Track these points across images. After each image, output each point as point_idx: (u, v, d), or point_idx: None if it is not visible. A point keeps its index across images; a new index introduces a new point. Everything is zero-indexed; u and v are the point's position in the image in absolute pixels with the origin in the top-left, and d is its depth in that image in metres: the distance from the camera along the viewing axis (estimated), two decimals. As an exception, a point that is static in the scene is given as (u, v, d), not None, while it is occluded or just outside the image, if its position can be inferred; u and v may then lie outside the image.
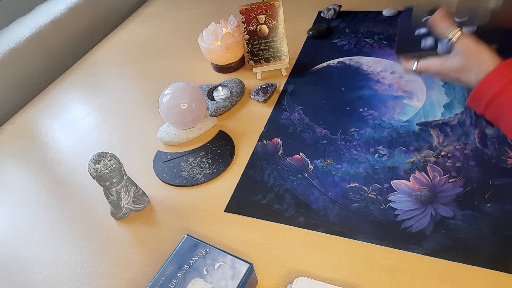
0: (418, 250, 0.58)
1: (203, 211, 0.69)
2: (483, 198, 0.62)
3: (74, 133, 0.90)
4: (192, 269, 0.54)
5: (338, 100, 0.84)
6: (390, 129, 0.75)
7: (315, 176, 0.70)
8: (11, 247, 0.70)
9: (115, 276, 0.62)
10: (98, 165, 0.62)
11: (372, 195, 0.65)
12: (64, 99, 1.01)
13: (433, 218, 0.61)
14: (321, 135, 0.77)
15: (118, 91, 1.00)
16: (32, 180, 0.81)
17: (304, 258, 0.59)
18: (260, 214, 0.66)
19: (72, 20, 1.17)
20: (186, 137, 0.81)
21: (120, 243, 0.67)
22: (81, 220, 0.71)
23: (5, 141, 0.92)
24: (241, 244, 0.63)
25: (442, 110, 0.77)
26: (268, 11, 0.90)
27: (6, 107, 1.02)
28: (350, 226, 0.62)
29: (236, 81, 0.91)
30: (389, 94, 0.82)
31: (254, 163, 0.75)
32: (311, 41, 1.02)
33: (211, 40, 0.94)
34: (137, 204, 0.69)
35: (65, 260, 0.66)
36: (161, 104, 0.79)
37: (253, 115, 0.85)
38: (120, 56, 1.13)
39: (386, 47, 0.94)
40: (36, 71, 1.08)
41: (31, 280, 0.64)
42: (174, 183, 0.74)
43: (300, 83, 0.90)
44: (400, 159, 0.70)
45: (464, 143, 0.70)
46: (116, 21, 1.32)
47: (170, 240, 0.65)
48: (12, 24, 1.08)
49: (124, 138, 0.86)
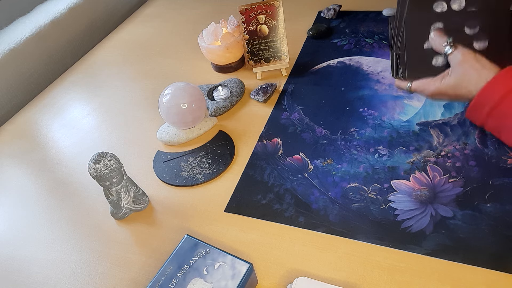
0: (418, 250, 0.58)
1: (203, 211, 0.69)
2: (483, 198, 0.62)
3: (74, 133, 0.90)
4: (192, 269, 0.54)
5: (338, 100, 0.84)
6: (390, 129, 0.75)
7: (315, 176, 0.70)
8: (11, 247, 0.70)
9: (115, 276, 0.62)
10: (98, 165, 0.62)
11: (372, 195, 0.65)
12: (64, 99, 1.01)
13: (433, 218, 0.61)
14: (321, 135, 0.77)
15: (118, 91, 1.00)
16: (32, 180, 0.81)
17: (304, 258, 0.59)
18: (260, 214, 0.66)
19: (72, 20, 1.17)
20: (186, 137, 0.81)
21: (120, 243, 0.67)
22: (81, 220, 0.72)
23: (5, 141, 0.92)
24: (241, 244, 0.63)
25: (442, 110, 0.77)
26: (268, 11, 0.90)
27: (6, 107, 1.02)
28: (350, 226, 0.62)
29: (236, 81, 0.91)
30: (389, 94, 0.82)
31: (254, 163, 0.75)
32: (311, 41, 1.02)
33: (211, 40, 0.94)
34: (137, 204, 0.69)
35: (65, 260, 0.66)
36: (161, 104, 0.79)
37: (253, 115, 0.85)
38: (120, 56, 1.13)
39: (386, 47, 0.94)
40: (36, 71, 1.08)
41: (31, 280, 0.64)
42: (174, 183, 0.74)
43: (300, 83, 0.90)
44: (400, 159, 0.70)
45: (464, 143, 0.70)
46: (116, 21, 1.32)
47: (170, 240, 0.65)
48: (12, 24, 1.08)
49: (124, 138, 0.86)
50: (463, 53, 0.57)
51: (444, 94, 0.60)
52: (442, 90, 0.59)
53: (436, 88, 0.60)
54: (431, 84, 0.61)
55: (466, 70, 0.56)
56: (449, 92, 0.59)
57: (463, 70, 0.57)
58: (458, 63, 0.57)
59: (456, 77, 0.57)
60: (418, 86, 0.63)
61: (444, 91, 0.59)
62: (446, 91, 0.59)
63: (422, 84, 0.62)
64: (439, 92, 0.60)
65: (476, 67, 0.56)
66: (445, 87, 0.59)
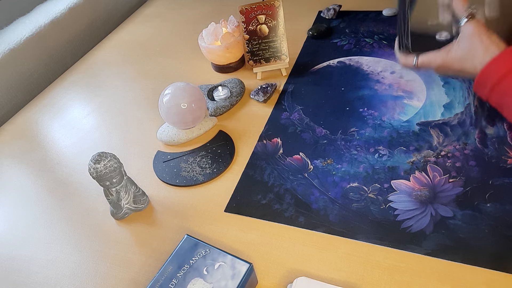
0: (418, 250, 0.58)
1: (203, 211, 0.69)
2: (483, 198, 0.62)
3: (74, 133, 0.90)
4: (192, 269, 0.54)
5: (338, 100, 0.84)
6: (390, 129, 0.75)
7: (315, 176, 0.70)
8: (11, 247, 0.70)
9: (115, 276, 0.62)
10: (98, 165, 0.62)
11: (372, 195, 0.65)
12: (64, 99, 1.01)
13: (433, 218, 0.61)
14: (321, 135, 0.77)
15: (118, 91, 1.00)
16: (32, 180, 0.81)
17: (304, 258, 0.59)
18: (260, 214, 0.66)
19: (72, 20, 1.17)
20: (186, 137, 0.81)
21: (120, 243, 0.67)
22: (81, 220, 0.71)
23: (5, 141, 0.92)
24: (241, 244, 0.63)
25: (442, 110, 0.77)
26: (268, 11, 0.90)
27: (6, 107, 1.02)
28: (350, 226, 0.62)
29: (236, 81, 0.91)
30: (389, 94, 0.82)
31: (254, 163, 0.75)
32: (311, 41, 1.02)
33: (211, 40, 0.94)
34: (137, 204, 0.69)
35: (65, 260, 0.66)
36: (161, 104, 0.79)
37: (253, 115, 0.85)
38: (120, 56, 1.13)
39: (386, 47, 0.94)
40: (36, 71, 1.08)
41: (31, 280, 0.64)
42: (174, 183, 0.74)
43: (300, 83, 0.90)
44: (400, 159, 0.70)
45: (464, 143, 0.70)
46: (116, 21, 1.32)
47: (170, 240, 0.65)
48: (12, 24, 1.08)
49: (124, 138, 0.86)
50: (477, 25, 0.56)
51: (450, 67, 0.59)
52: (449, 63, 0.59)
53: (443, 61, 0.59)
54: (438, 56, 0.60)
55: (474, 44, 0.56)
56: (455, 65, 0.58)
57: (471, 43, 0.56)
58: (468, 36, 0.56)
59: (463, 49, 0.57)
60: (423, 60, 0.62)
61: (451, 64, 0.59)
62: (452, 64, 0.58)
63: (428, 58, 0.61)
64: (446, 65, 0.59)
65: (485, 42, 0.55)
66: (451, 59, 0.58)
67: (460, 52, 0.57)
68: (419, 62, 0.63)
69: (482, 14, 0.59)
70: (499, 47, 0.54)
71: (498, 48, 0.54)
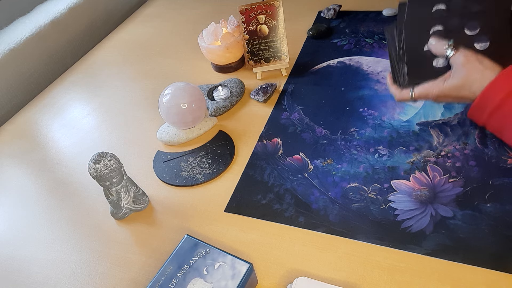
0: (418, 250, 0.58)
1: (203, 211, 0.69)
2: (483, 198, 0.62)
3: (74, 133, 0.90)
4: (192, 269, 0.54)
5: (338, 100, 0.84)
6: (390, 129, 0.75)
7: (315, 176, 0.70)
8: (11, 247, 0.70)
9: (115, 276, 0.62)
10: (98, 165, 0.62)
11: (372, 195, 0.65)
12: (64, 99, 1.01)
13: (433, 218, 0.61)
14: (321, 135, 0.77)
15: (118, 91, 1.00)
16: (32, 180, 0.81)
17: (304, 258, 0.59)
18: (260, 214, 0.66)
19: (72, 20, 1.17)
20: (186, 137, 0.81)
21: (120, 243, 0.67)
22: (81, 220, 0.72)
23: (5, 141, 0.92)
24: (241, 244, 0.63)
25: (442, 110, 0.77)
26: (268, 11, 0.90)
27: (6, 107, 1.02)
28: (350, 226, 0.62)
29: (236, 81, 0.91)
30: (389, 94, 0.82)
31: (254, 163, 0.75)
32: (311, 41, 1.02)
33: (211, 40, 0.94)
34: (137, 204, 0.69)
35: (65, 260, 0.66)
36: (161, 104, 0.79)
37: (253, 115, 0.85)
38: (120, 56, 1.13)
39: (386, 47, 0.94)
40: (36, 71, 1.08)
41: (31, 280, 0.64)
42: (174, 183, 0.74)
43: (300, 83, 0.90)
44: (400, 159, 0.70)
45: (464, 143, 0.70)
46: (116, 21, 1.32)
47: (170, 240, 0.65)
48: (12, 24, 1.08)
49: (124, 138, 0.86)
50: (465, 55, 0.57)
51: (448, 96, 0.60)
52: (446, 92, 0.59)
53: (440, 91, 0.60)
54: (434, 87, 0.61)
55: (469, 71, 0.56)
56: (453, 93, 0.59)
57: (466, 71, 0.56)
58: (460, 65, 0.57)
59: (459, 78, 0.57)
60: (421, 91, 0.62)
61: (448, 93, 0.59)
62: (450, 93, 0.59)
63: (424, 89, 0.62)
64: (443, 95, 0.60)
65: (479, 68, 0.55)
66: (448, 89, 0.59)
67: (456, 80, 0.58)
68: (416, 94, 0.63)
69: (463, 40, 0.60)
70: (494, 70, 0.54)
71: (494, 72, 0.54)
